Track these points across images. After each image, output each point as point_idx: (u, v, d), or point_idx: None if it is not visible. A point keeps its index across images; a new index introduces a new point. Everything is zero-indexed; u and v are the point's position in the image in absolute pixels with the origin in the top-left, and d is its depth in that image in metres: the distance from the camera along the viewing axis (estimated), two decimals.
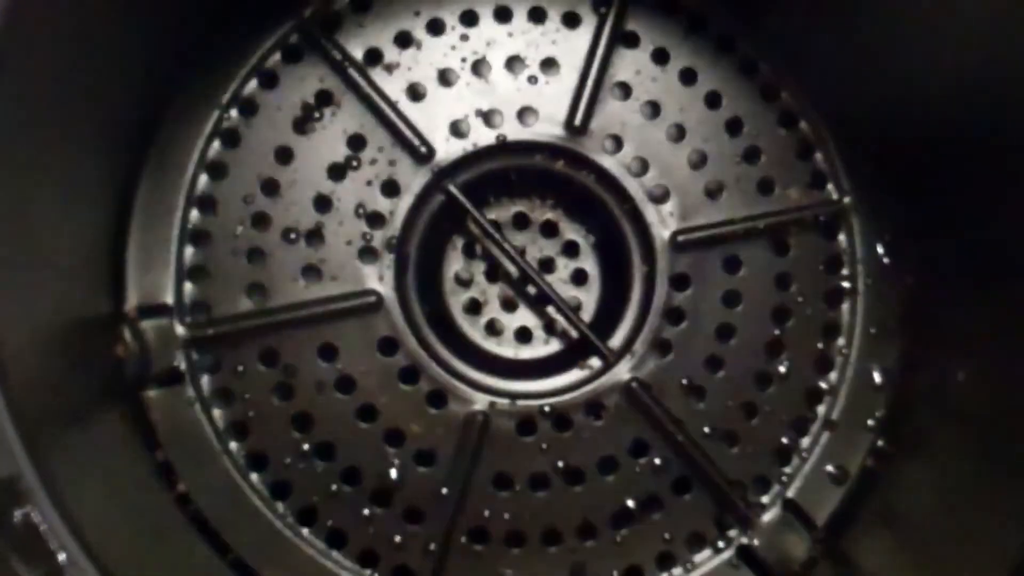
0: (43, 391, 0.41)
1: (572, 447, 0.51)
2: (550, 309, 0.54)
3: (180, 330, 0.51)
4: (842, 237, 0.54)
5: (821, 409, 0.52)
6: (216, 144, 0.52)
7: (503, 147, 0.53)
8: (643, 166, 0.53)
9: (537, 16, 0.54)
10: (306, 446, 0.51)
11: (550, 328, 0.54)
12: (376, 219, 0.52)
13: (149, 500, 0.49)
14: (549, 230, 0.55)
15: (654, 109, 0.54)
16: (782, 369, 0.52)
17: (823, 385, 0.53)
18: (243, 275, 0.52)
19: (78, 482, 0.39)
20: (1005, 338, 0.47)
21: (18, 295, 0.40)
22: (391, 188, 0.52)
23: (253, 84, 0.53)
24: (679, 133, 0.53)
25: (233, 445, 0.51)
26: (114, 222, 0.51)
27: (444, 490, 0.50)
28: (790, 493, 0.52)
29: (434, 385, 0.51)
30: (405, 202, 0.52)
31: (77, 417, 0.46)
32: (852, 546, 0.50)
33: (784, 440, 0.52)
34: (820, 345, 0.53)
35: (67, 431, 0.44)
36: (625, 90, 0.54)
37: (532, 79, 0.53)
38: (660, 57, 0.54)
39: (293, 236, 0.52)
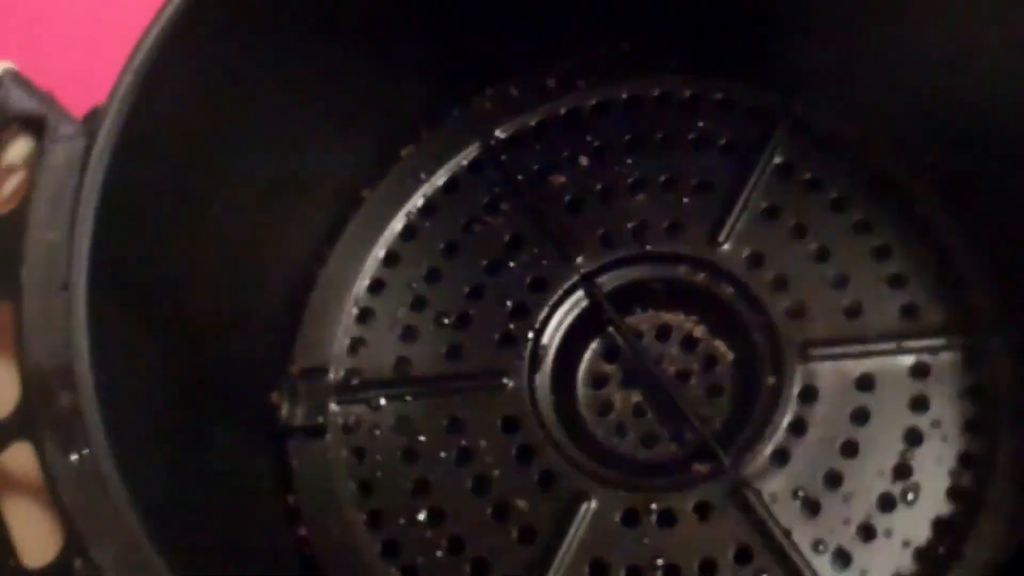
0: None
1: (674, 544, 0.50)
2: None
3: (331, 391, 0.56)
4: (987, 370, 0.51)
5: (949, 541, 0.48)
6: (395, 238, 0.59)
7: (647, 256, 0.56)
8: (783, 283, 0.54)
9: (698, 145, 0.58)
10: (420, 510, 0.53)
11: (676, 436, 0.54)
12: (521, 311, 0.56)
13: (267, 542, 0.53)
14: (689, 344, 0.56)
15: (799, 231, 0.55)
16: (909, 495, 0.49)
17: (953, 517, 0.49)
18: (395, 349, 0.56)
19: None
20: None
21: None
22: (538, 285, 0.56)
23: (438, 189, 0.59)
24: (822, 254, 0.54)
25: (358, 501, 0.54)
26: (297, 299, 0.58)
27: (540, 571, 0.51)
28: None
29: (547, 466, 0.52)
30: (549, 299, 0.56)
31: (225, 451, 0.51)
32: None
33: (903, 568, 0.48)
34: (953, 476, 0.49)
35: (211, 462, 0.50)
36: (773, 213, 0.55)
37: (683, 198, 0.56)
38: (812, 186, 0.56)
39: (445, 320, 0.56)
